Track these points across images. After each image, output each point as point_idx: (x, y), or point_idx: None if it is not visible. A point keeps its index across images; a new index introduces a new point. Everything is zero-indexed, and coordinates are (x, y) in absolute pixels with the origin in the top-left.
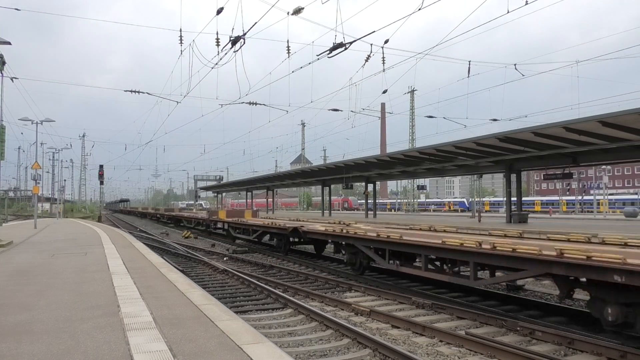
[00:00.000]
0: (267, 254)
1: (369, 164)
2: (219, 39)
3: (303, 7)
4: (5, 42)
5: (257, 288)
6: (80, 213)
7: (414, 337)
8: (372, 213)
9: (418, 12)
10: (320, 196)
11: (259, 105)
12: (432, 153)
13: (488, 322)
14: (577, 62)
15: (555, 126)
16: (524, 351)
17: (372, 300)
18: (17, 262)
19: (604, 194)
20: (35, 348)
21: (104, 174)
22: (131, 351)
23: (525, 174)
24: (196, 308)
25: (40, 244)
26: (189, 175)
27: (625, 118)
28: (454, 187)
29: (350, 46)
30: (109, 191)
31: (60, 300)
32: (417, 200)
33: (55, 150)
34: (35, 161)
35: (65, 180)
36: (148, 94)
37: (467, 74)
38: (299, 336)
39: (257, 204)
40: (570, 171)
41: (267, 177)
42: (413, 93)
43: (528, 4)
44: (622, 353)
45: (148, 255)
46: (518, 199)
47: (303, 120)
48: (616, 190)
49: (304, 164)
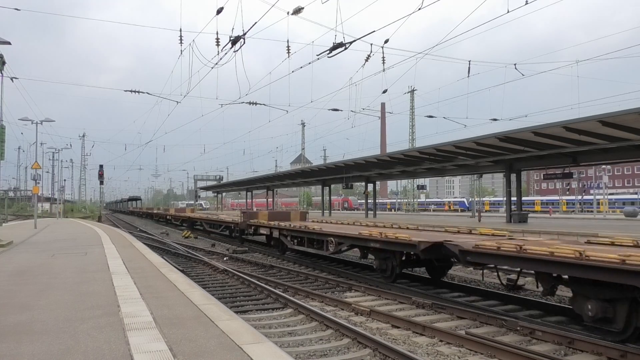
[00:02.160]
0: (267, 254)
1: (369, 163)
2: (219, 39)
3: (303, 7)
4: (5, 42)
5: (257, 288)
6: (80, 213)
7: (414, 337)
8: (372, 213)
9: (421, 11)
10: (320, 196)
11: (259, 105)
12: (432, 153)
13: (488, 322)
14: (577, 62)
15: (555, 126)
16: (524, 351)
17: (372, 300)
18: (17, 262)
19: (604, 194)
20: (35, 348)
21: (104, 174)
22: (131, 351)
23: (525, 174)
24: (196, 308)
25: (40, 244)
26: (189, 175)
27: (625, 118)
28: (454, 187)
29: (350, 46)
30: (109, 191)
31: (61, 300)
32: (417, 200)
33: (55, 150)
34: (35, 161)
35: (65, 180)
36: (148, 94)
37: (467, 74)
38: (299, 336)
39: (257, 204)
40: (570, 171)
41: (267, 177)
42: (413, 93)
43: (528, 3)
44: (623, 353)
45: (148, 255)
46: (518, 199)
47: (303, 120)
48: (616, 190)
49: (304, 164)
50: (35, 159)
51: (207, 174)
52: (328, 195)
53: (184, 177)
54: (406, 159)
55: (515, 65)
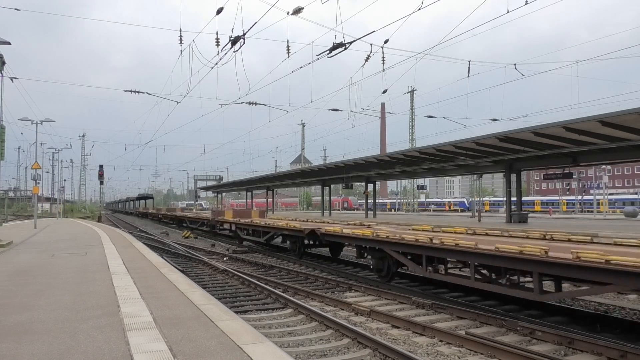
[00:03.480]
0: (267, 254)
1: (369, 163)
2: (218, 39)
3: (303, 7)
4: (5, 42)
5: (257, 288)
6: (80, 213)
7: (414, 337)
8: (372, 213)
9: (424, 11)
10: (320, 196)
11: (259, 105)
12: (432, 153)
13: (488, 322)
14: (577, 62)
15: (555, 126)
16: (524, 351)
17: (372, 300)
18: (17, 262)
19: (604, 194)
20: (35, 348)
21: (104, 174)
22: (131, 351)
23: (525, 174)
24: (196, 308)
25: (40, 244)
26: (189, 175)
27: (625, 118)
28: (454, 187)
29: (350, 46)
30: (108, 191)
31: (60, 300)
32: (417, 200)
33: (55, 150)
34: (35, 161)
35: (65, 180)
36: (148, 94)
37: (467, 74)
38: (299, 336)
39: (257, 203)
40: (570, 171)
41: (267, 177)
42: (413, 93)
43: (528, 3)
44: (622, 353)
45: (148, 255)
46: (518, 199)
47: (303, 120)
48: (616, 190)
49: (304, 164)
50: (35, 159)
51: (207, 174)
52: (328, 195)
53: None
54: (406, 159)
55: (515, 65)
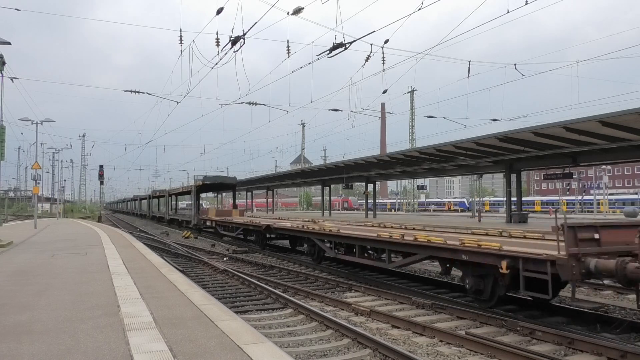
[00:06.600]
0: (267, 254)
1: (369, 164)
2: (219, 39)
3: (303, 7)
4: (5, 43)
5: (257, 288)
6: (80, 213)
7: (414, 337)
8: (372, 213)
9: (427, 11)
10: (320, 196)
11: (259, 105)
12: (432, 153)
13: (488, 322)
14: (577, 62)
15: (555, 126)
16: (524, 351)
17: (372, 300)
18: (17, 262)
19: (604, 194)
20: (35, 348)
21: (104, 174)
22: (131, 351)
23: (525, 174)
24: (196, 308)
25: (40, 244)
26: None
27: (625, 118)
28: (454, 187)
29: (350, 46)
30: (109, 191)
31: (61, 300)
32: (417, 200)
33: (55, 150)
34: (35, 161)
35: (65, 180)
36: (148, 94)
37: (467, 74)
38: (299, 336)
39: (257, 204)
40: (570, 171)
41: (267, 177)
42: (413, 93)
43: (528, 3)
44: (623, 353)
45: (148, 255)
46: (518, 199)
47: (303, 120)
48: (616, 190)
49: (304, 164)
50: (35, 159)
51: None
52: (328, 195)
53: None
54: (406, 159)
55: (515, 65)
